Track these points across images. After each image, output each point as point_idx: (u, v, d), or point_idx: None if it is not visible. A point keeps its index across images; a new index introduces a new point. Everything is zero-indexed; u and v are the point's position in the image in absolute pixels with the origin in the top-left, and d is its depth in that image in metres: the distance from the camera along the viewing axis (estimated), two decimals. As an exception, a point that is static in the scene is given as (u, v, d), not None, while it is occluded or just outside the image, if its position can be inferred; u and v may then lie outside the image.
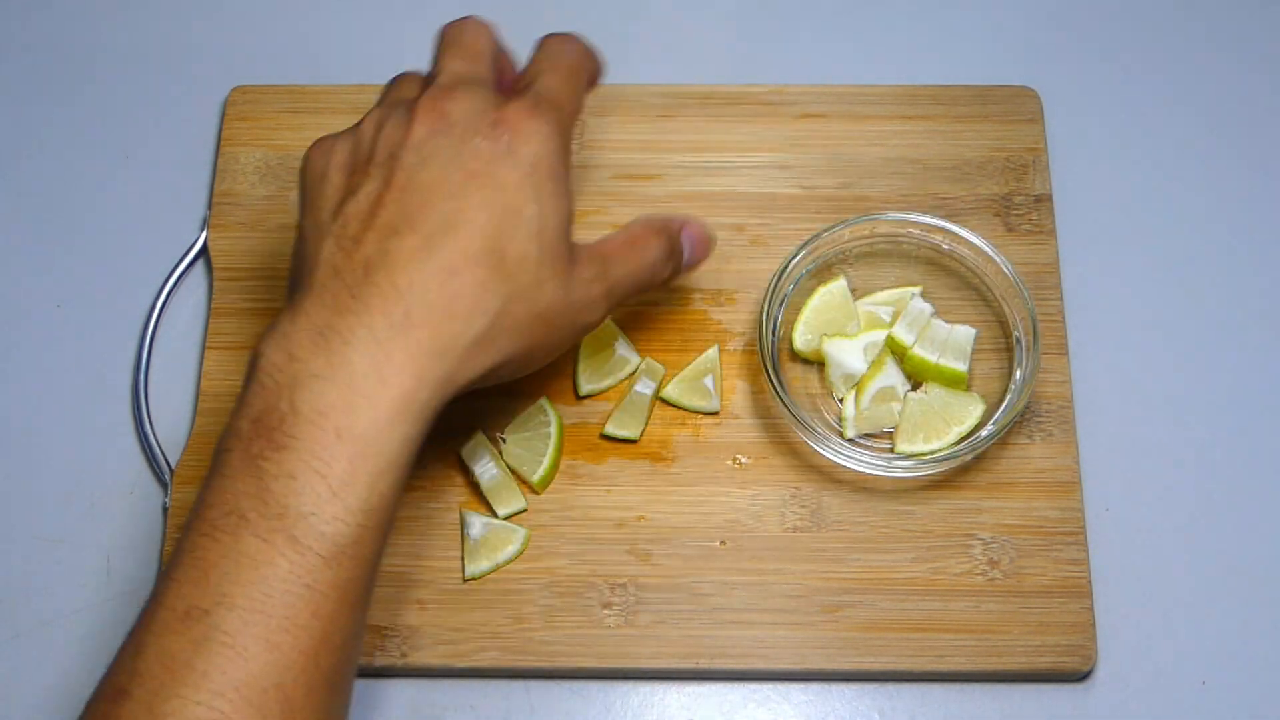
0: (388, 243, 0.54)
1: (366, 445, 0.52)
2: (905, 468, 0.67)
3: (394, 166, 0.56)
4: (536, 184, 0.56)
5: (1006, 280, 0.70)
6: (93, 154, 0.80)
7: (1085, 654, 0.66)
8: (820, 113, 0.77)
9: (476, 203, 0.55)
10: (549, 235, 0.56)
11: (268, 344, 0.53)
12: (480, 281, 0.54)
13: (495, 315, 0.55)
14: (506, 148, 0.56)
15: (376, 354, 0.52)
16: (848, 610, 0.67)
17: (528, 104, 0.57)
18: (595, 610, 0.67)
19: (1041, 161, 0.76)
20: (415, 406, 0.53)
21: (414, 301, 0.53)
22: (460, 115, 0.57)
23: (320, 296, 0.54)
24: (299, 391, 0.52)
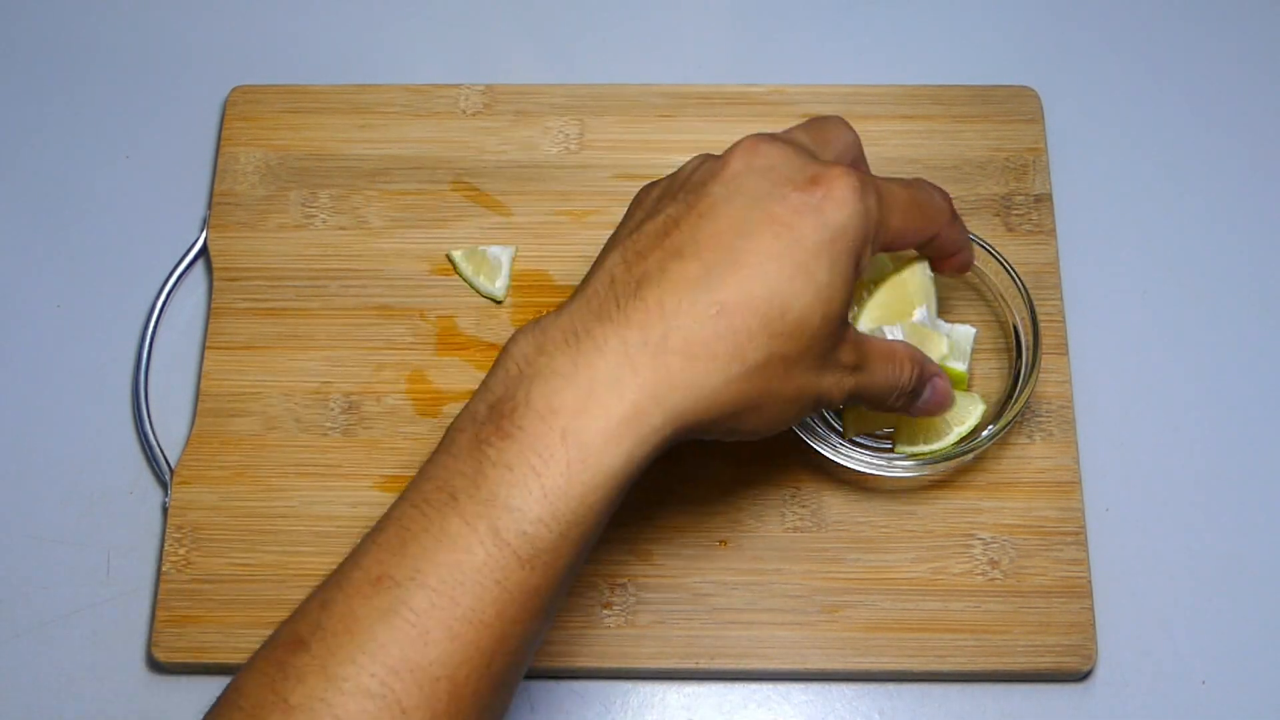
0: (669, 263, 0.53)
1: (588, 454, 0.50)
2: (905, 468, 0.67)
3: (700, 194, 0.55)
4: (835, 254, 0.54)
5: (1006, 280, 0.70)
6: (93, 154, 0.80)
7: (1085, 654, 0.66)
8: (820, 113, 0.77)
9: (771, 251, 0.53)
10: (833, 309, 0.54)
11: (524, 334, 0.53)
12: (750, 329, 0.52)
13: (752, 368, 0.53)
14: (817, 205, 0.53)
15: (623, 366, 0.51)
16: (848, 610, 0.67)
17: (853, 174, 0.55)
18: (595, 610, 0.67)
19: (1041, 161, 0.76)
20: (645, 429, 0.51)
21: (675, 326, 0.52)
22: (780, 161, 0.55)
23: (589, 301, 0.53)
24: (537, 384, 0.51)
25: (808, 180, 0.54)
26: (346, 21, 0.83)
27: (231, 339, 0.73)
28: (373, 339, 0.73)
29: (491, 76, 0.80)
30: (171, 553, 0.69)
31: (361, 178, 0.76)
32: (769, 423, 0.56)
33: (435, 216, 0.76)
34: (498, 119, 0.78)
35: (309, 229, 0.75)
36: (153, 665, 0.68)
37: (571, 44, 0.82)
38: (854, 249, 0.54)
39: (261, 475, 0.70)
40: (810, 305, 0.53)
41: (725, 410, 0.53)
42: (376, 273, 0.74)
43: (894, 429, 0.69)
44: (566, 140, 0.77)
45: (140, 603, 0.69)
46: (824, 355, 0.55)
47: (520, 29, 0.83)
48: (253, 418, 0.71)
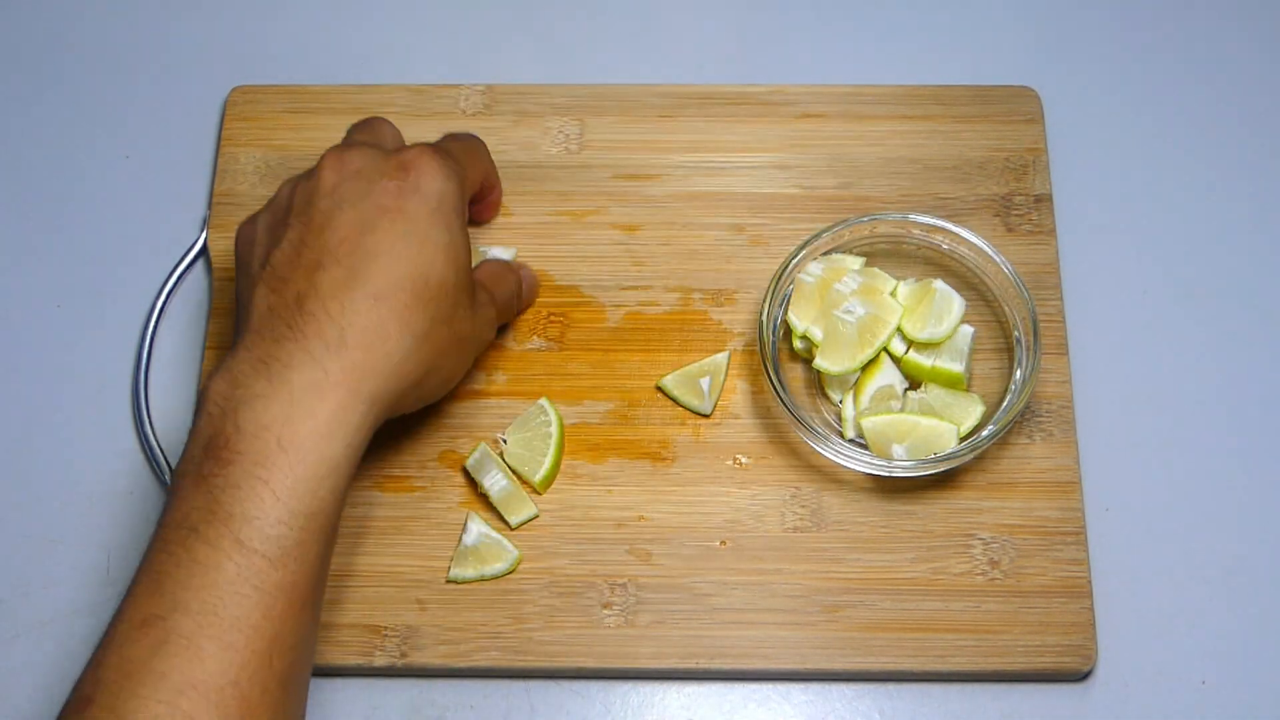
0: (315, 276, 0.58)
1: (307, 453, 0.54)
2: (905, 468, 0.67)
3: (310, 212, 0.60)
4: (445, 216, 0.61)
5: (1006, 280, 0.70)
6: (93, 154, 0.80)
7: (1085, 654, 0.66)
8: (820, 113, 0.77)
9: (394, 234, 0.59)
10: (462, 262, 0.61)
11: (213, 379, 0.57)
12: (406, 305, 0.58)
13: (421, 336, 0.59)
14: (414, 185, 0.60)
15: (315, 372, 0.56)
16: (848, 610, 0.67)
17: (427, 149, 0.62)
18: (595, 610, 0.67)
19: (1041, 161, 0.76)
20: (354, 418, 0.56)
21: (347, 325, 0.57)
22: (364, 163, 0.61)
23: (259, 333, 0.57)
24: (242, 411, 0.55)
25: (397, 168, 0.61)
26: (346, 21, 0.83)
27: (231, 339, 0.73)
28: (373, 339, 0.73)
29: (491, 76, 0.80)
30: (171, 553, 0.68)
31: (361, 178, 0.76)
32: (447, 379, 0.64)
33: (435, 216, 0.75)
34: (498, 119, 0.78)
35: (309, 229, 0.75)
36: (153, 665, 0.68)
37: (571, 44, 0.82)
38: (457, 205, 0.62)
39: (261, 475, 0.70)
40: (445, 265, 0.60)
41: (411, 381, 0.59)
42: (376, 273, 0.74)
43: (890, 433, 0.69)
44: (566, 140, 0.77)
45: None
46: (468, 302, 0.63)
47: (520, 29, 0.83)
48: (253, 418, 0.71)
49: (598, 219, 0.75)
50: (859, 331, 0.68)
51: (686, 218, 0.75)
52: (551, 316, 0.73)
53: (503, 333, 0.72)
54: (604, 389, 0.72)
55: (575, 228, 0.75)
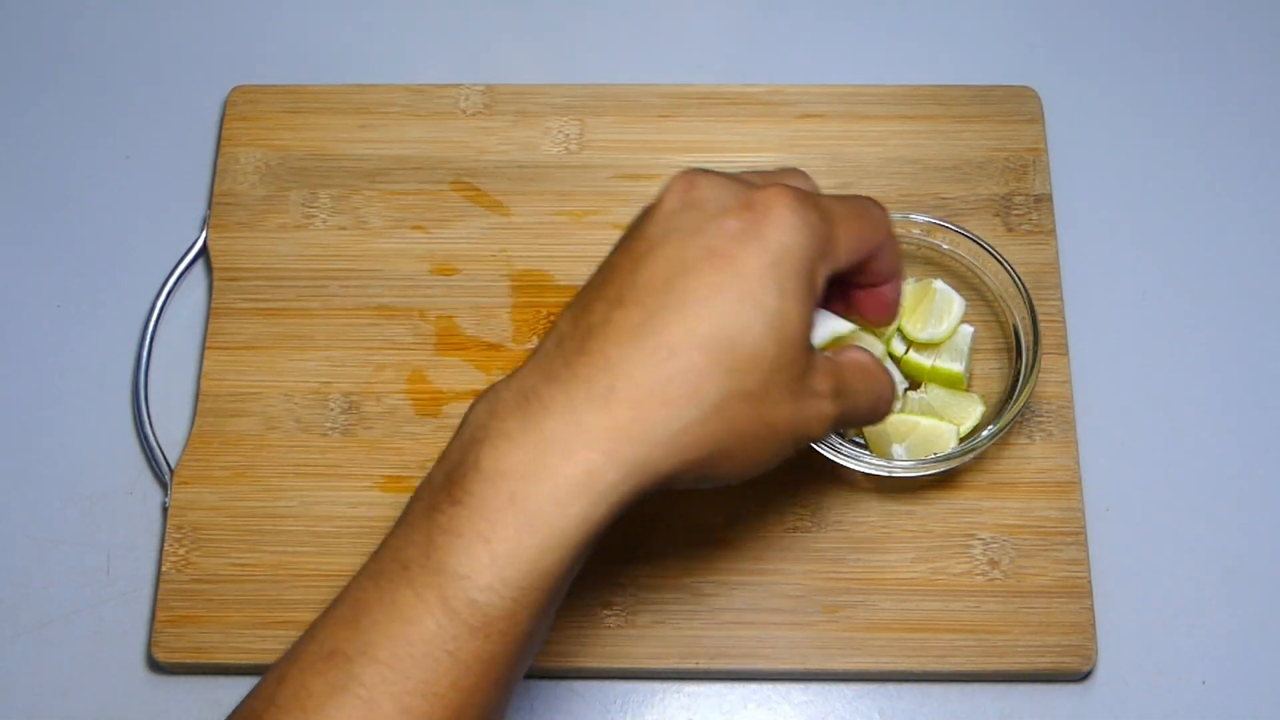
0: (611, 312, 0.50)
1: (537, 517, 0.48)
2: (905, 468, 0.67)
3: (637, 237, 0.52)
4: (782, 276, 0.50)
5: (1006, 280, 0.70)
6: (93, 154, 0.80)
7: (1085, 654, 0.66)
8: (820, 113, 0.77)
9: (712, 283, 0.50)
10: (789, 334, 0.51)
11: (481, 398, 0.51)
12: (699, 368, 0.49)
13: (710, 408, 0.50)
14: (755, 229, 0.51)
15: (570, 423, 0.49)
16: (848, 610, 0.67)
17: (790, 192, 0.52)
18: (595, 610, 0.67)
19: (1041, 161, 0.76)
20: (600, 486, 0.49)
21: (621, 376, 0.49)
22: (713, 192, 0.52)
23: (540, 361, 0.51)
24: (487, 448, 0.49)
25: (742, 205, 0.51)
26: (346, 21, 0.83)
27: (231, 339, 0.73)
28: (373, 339, 0.73)
29: (491, 76, 0.80)
30: (171, 553, 0.69)
31: (361, 178, 0.76)
32: (747, 465, 0.53)
33: (435, 216, 0.76)
34: (498, 119, 0.78)
35: (309, 229, 0.75)
36: (153, 665, 0.68)
37: (571, 44, 0.82)
38: (803, 269, 0.51)
39: (261, 475, 0.70)
40: (762, 334, 0.50)
41: (690, 457, 0.50)
42: (376, 273, 0.74)
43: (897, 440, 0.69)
44: (566, 140, 0.77)
45: (140, 603, 0.69)
46: (793, 385, 0.52)
47: (520, 29, 0.83)
48: (253, 418, 0.71)
49: (598, 219, 0.75)
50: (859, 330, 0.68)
51: (686, 218, 0.75)
52: (551, 317, 0.73)
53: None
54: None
55: (575, 228, 0.75)
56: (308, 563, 0.68)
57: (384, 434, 0.71)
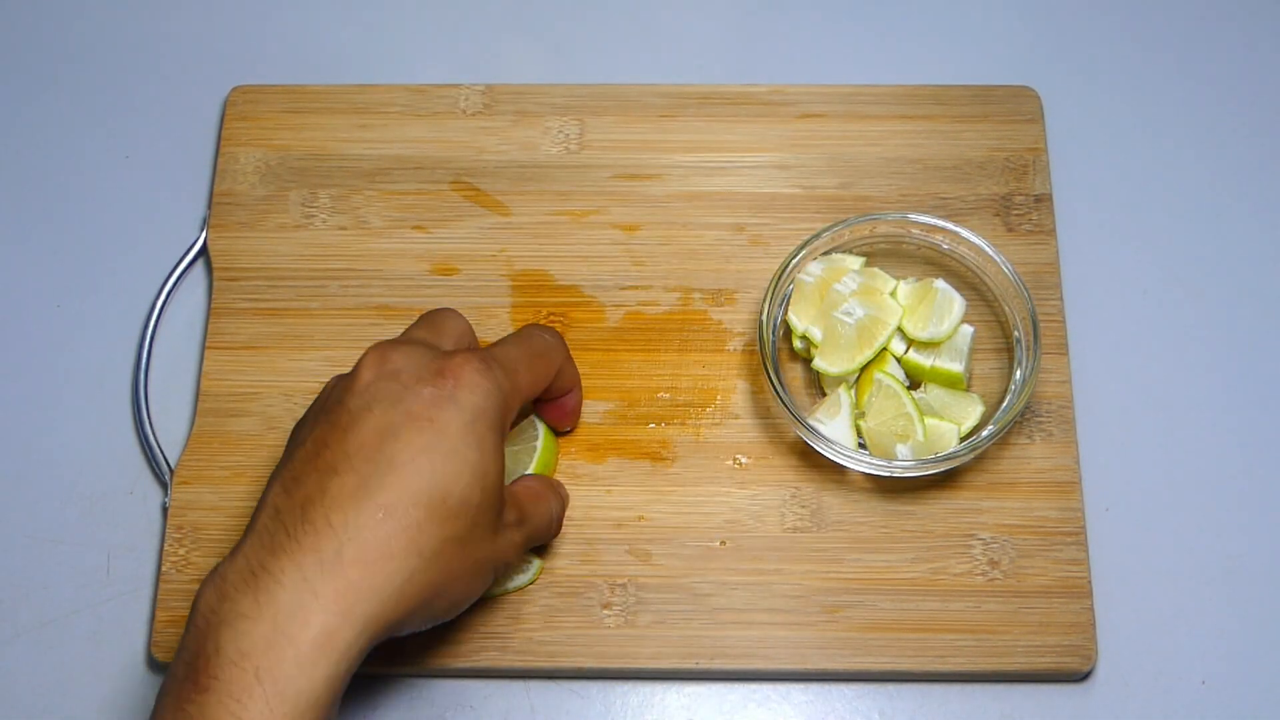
0: (326, 481, 0.54)
1: (285, 685, 0.51)
2: (905, 468, 0.67)
3: (339, 411, 0.56)
4: (479, 433, 0.56)
5: (1006, 280, 0.70)
6: (93, 154, 0.80)
7: (1085, 654, 0.66)
8: (820, 113, 0.77)
9: (419, 445, 0.55)
10: (489, 481, 0.57)
11: (206, 586, 0.53)
12: (417, 522, 0.54)
13: (430, 556, 0.54)
14: (450, 394, 0.56)
15: (304, 592, 0.52)
16: (848, 610, 0.67)
17: (475, 358, 0.58)
18: (595, 610, 0.67)
19: (1041, 161, 0.76)
20: (340, 645, 0.52)
21: (347, 539, 0.53)
22: (405, 363, 0.57)
23: (259, 537, 0.54)
24: (224, 631, 0.52)
25: (435, 374, 0.57)
26: (346, 21, 0.83)
27: (231, 339, 0.73)
28: (373, 339, 0.72)
29: (491, 76, 0.80)
30: (171, 553, 0.69)
31: (361, 178, 0.76)
32: (458, 601, 0.58)
33: (435, 216, 0.76)
34: (498, 119, 0.78)
35: (309, 229, 0.75)
36: (153, 665, 0.68)
37: (571, 44, 0.82)
38: (495, 422, 0.57)
39: (262, 475, 0.70)
40: (469, 484, 0.55)
41: (414, 603, 0.54)
42: (376, 273, 0.74)
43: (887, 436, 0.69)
44: (566, 140, 0.77)
45: (140, 603, 0.69)
46: (492, 524, 0.58)
47: (520, 29, 0.83)
48: (253, 418, 0.71)
49: (598, 219, 0.75)
50: (858, 333, 0.68)
51: (686, 218, 0.75)
52: (551, 316, 0.73)
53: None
54: (604, 389, 0.72)
55: (575, 228, 0.75)
56: (308, 563, 0.68)
57: (384, 434, 0.71)
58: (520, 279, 0.74)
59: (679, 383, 0.72)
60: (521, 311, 0.73)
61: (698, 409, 0.71)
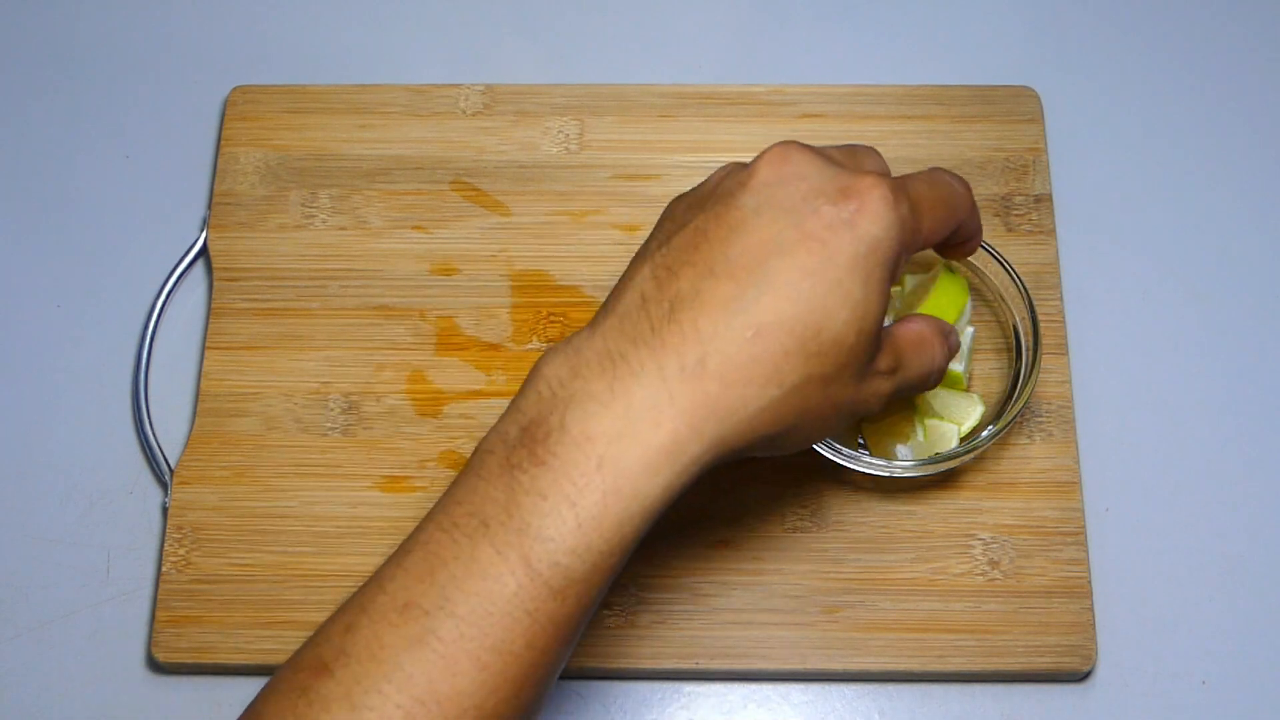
0: (702, 282, 0.51)
1: (624, 483, 0.49)
2: (905, 468, 0.67)
3: (729, 204, 0.53)
4: (869, 268, 0.52)
5: (1006, 280, 0.70)
6: (93, 154, 0.80)
7: (1085, 654, 0.66)
8: (820, 113, 0.77)
9: (805, 268, 0.51)
10: (868, 325, 0.52)
11: (555, 354, 0.51)
12: (786, 350, 0.51)
13: (790, 389, 0.51)
14: (849, 218, 0.52)
15: (660, 393, 0.49)
16: (848, 610, 0.67)
17: (885, 184, 0.53)
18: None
19: (1041, 161, 0.76)
20: (684, 458, 0.50)
21: (711, 351, 0.50)
22: (810, 170, 0.53)
23: (621, 322, 0.51)
24: (573, 409, 0.49)
25: (839, 191, 0.52)
26: (346, 21, 0.83)
27: (231, 339, 0.73)
28: (373, 339, 0.73)
29: (491, 76, 0.80)
30: (171, 553, 0.69)
31: (361, 178, 0.76)
32: (806, 439, 0.55)
33: (435, 216, 0.76)
34: (498, 119, 0.78)
35: (309, 229, 0.75)
36: (153, 665, 0.68)
37: (571, 44, 0.82)
38: (889, 261, 0.53)
39: (261, 475, 0.70)
40: (846, 323, 0.52)
41: (763, 433, 0.52)
42: (376, 273, 0.74)
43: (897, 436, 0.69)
44: (566, 140, 0.77)
45: (140, 603, 0.69)
46: (861, 368, 0.54)
47: (520, 29, 0.83)
48: (253, 418, 0.71)
49: (598, 219, 0.75)
50: None
51: (686, 218, 0.75)
52: (551, 316, 0.73)
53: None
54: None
55: (575, 228, 0.75)
56: (308, 563, 0.68)
57: (384, 434, 0.71)
58: (520, 279, 0.74)
59: (679, 383, 0.72)
60: (521, 311, 0.73)
61: (698, 409, 0.71)
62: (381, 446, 0.71)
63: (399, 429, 0.71)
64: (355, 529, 0.69)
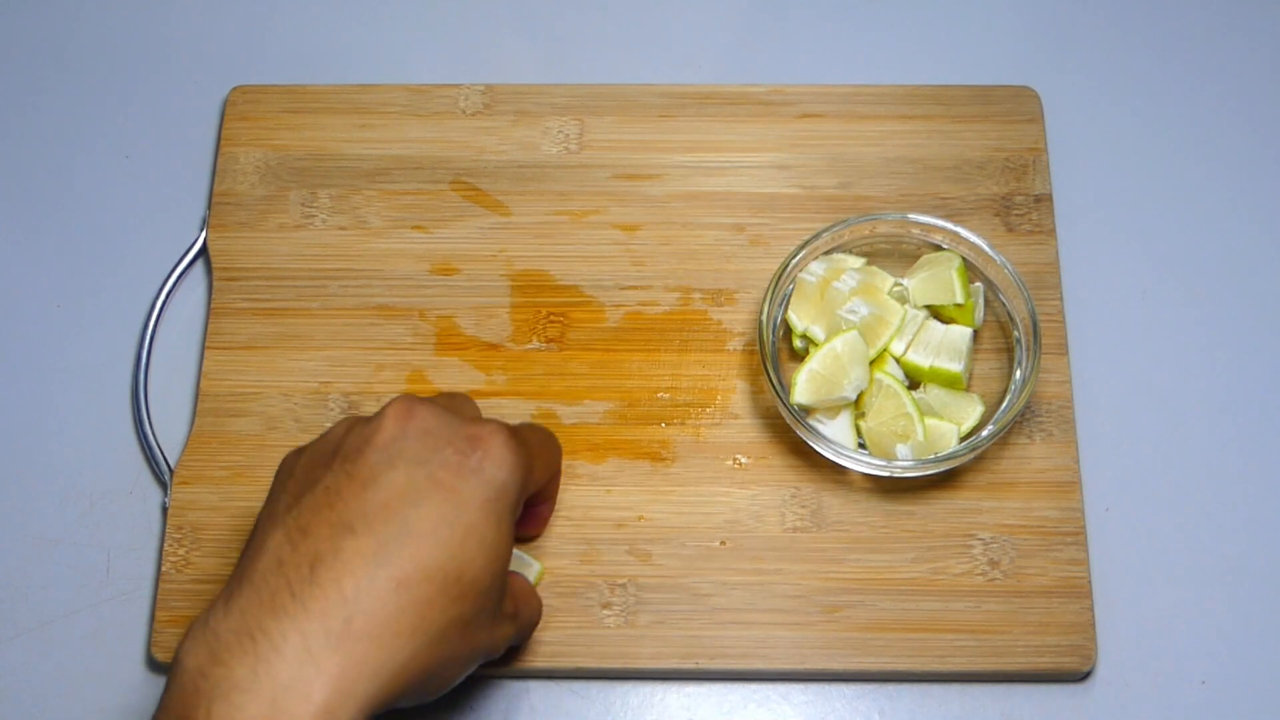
0: (341, 540, 0.51)
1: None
2: (905, 468, 0.67)
3: (359, 462, 0.54)
4: (499, 512, 0.55)
5: (1006, 280, 0.70)
6: (93, 154, 0.80)
7: (1085, 654, 0.66)
8: (820, 113, 0.77)
9: (438, 516, 0.53)
10: (499, 566, 0.55)
11: (194, 641, 0.50)
12: (429, 598, 0.52)
13: (434, 637, 0.52)
14: (476, 465, 0.54)
15: (306, 666, 0.49)
16: (848, 610, 0.67)
17: (505, 431, 0.56)
18: (595, 610, 0.67)
19: (1041, 161, 0.76)
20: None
21: (357, 610, 0.50)
22: (434, 423, 0.55)
23: (259, 590, 0.51)
24: (217, 703, 0.48)
25: (465, 440, 0.55)
26: (346, 21, 0.83)
27: (231, 339, 0.73)
28: (373, 339, 0.73)
29: (491, 76, 0.80)
30: (171, 553, 0.69)
31: (361, 178, 0.76)
32: (447, 684, 0.56)
33: (435, 216, 0.76)
34: (498, 119, 0.78)
35: (309, 229, 0.75)
36: (153, 665, 0.68)
37: (571, 44, 0.82)
38: (514, 503, 0.56)
39: (261, 475, 0.70)
40: (483, 565, 0.53)
41: (411, 683, 0.52)
42: (376, 273, 0.74)
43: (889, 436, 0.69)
44: (566, 140, 0.77)
45: (140, 603, 0.69)
46: (494, 610, 0.56)
47: (520, 29, 0.83)
48: (253, 418, 0.71)
49: (598, 219, 0.75)
50: (861, 332, 0.68)
51: (686, 218, 0.75)
52: (551, 316, 0.73)
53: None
54: (604, 389, 0.72)
55: (575, 228, 0.75)
56: (308, 563, 0.68)
57: (384, 434, 0.71)
58: (520, 279, 0.74)
59: (679, 383, 0.72)
60: (521, 311, 0.73)
61: (698, 409, 0.71)
62: (381, 446, 0.71)
63: (399, 429, 0.71)
64: (355, 529, 0.69)
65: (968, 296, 0.70)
